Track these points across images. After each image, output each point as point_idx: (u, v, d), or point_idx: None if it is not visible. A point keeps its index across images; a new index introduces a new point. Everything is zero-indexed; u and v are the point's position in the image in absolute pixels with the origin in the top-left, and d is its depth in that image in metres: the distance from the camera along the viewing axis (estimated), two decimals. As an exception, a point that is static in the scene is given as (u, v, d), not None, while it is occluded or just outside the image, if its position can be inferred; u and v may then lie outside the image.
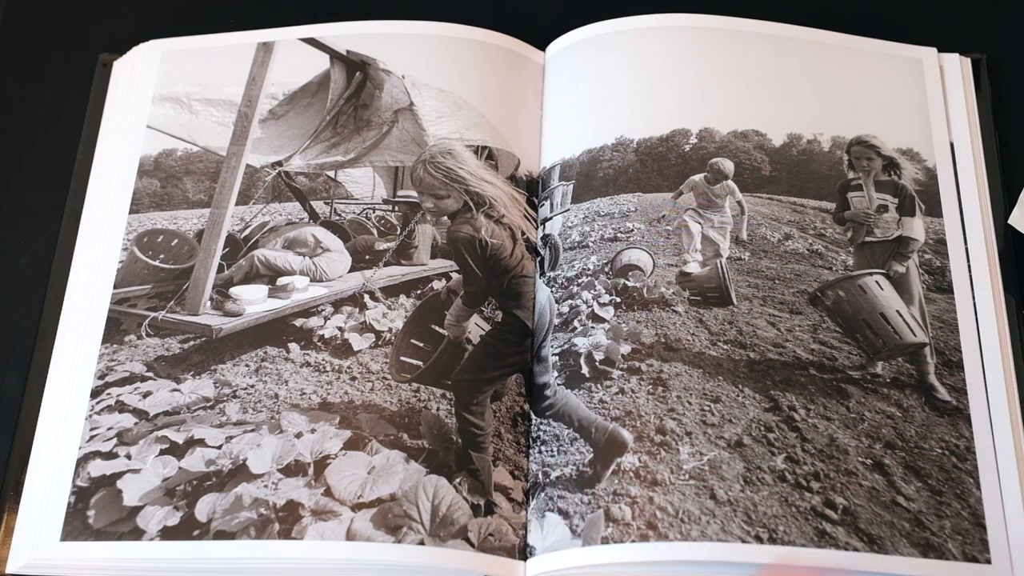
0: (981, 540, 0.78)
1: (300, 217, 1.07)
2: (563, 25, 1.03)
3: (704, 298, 0.94)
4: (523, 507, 0.82)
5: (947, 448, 0.83)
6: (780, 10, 1.04)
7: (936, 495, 0.80)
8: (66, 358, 0.88)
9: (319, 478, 0.81)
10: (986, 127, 0.98)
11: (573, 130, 0.98)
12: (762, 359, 0.88)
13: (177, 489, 0.81)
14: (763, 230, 1.00)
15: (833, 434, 0.83)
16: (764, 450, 0.82)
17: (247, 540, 0.78)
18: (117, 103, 1.01)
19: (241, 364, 0.91)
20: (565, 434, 0.84)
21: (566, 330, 0.89)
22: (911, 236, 0.94)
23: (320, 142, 1.05)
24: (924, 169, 0.96)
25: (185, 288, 0.97)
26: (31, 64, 1.06)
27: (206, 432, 0.84)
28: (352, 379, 0.91)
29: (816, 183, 0.97)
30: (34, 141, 1.02)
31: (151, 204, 0.98)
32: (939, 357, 0.88)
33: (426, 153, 0.94)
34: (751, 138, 0.98)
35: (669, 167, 0.97)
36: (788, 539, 0.77)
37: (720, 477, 0.80)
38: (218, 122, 1.02)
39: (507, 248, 0.91)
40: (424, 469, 0.82)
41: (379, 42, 1.03)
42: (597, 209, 0.98)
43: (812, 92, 1.00)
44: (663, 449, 0.82)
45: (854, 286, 0.93)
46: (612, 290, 0.92)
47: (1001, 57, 1.02)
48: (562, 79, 1.01)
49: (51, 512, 0.80)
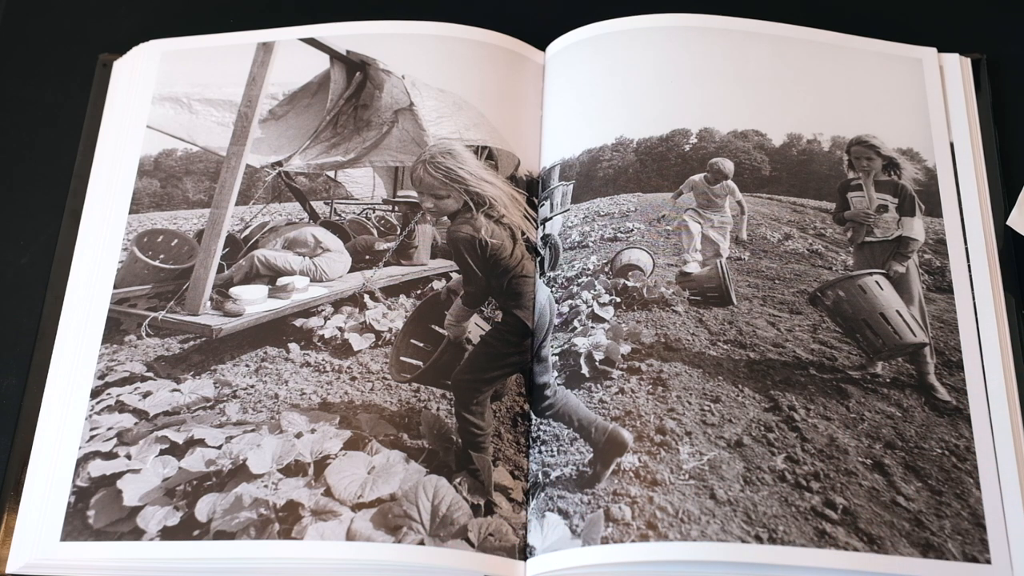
0: (981, 540, 0.78)
1: (300, 217, 1.07)
2: (563, 25, 1.03)
3: (704, 298, 0.94)
4: (523, 507, 0.82)
5: (947, 448, 0.83)
6: (780, 10, 1.04)
7: (936, 495, 0.80)
8: (66, 358, 0.88)
9: (319, 478, 0.81)
10: (986, 127, 0.98)
11: (573, 130, 0.98)
12: (762, 359, 0.88)
13: (177, 489, 0.81)
14: (763, 230, 1.00)
15: (833, 434, 0.83)
16: (764, 450, 0.82)
17: (247, 540, 0.78)
18: (117, 103, 1.01)
19: (241, 364, 0.91)
20: (565, 434, 0.84)
21: (566, 330, 0.89)
22: (911, 236, 0.94)
23: (320, 142, 1.05)
24: (924, 169, 0.96)
25: (185, 288, 0.97)
26: (31, 64, 1.06)
27: (206, 432, 0.84)
28: (352, 379, 0.91)
29: (816, 183, 0.97)
30: (34, 141, 1.02)
31: (151, 204, 0.98)
32: (939, 357, 0.87)
33: (426, 153, 0.94)
34: (751, 138, 0.98)
35: (669, 167, 0.97)
36: (788, 539, 0.77)
37: (720, 477, 0.80)
38: (218, 122, 1.02)
39: (507, 248, 0.91)
40: (424, 469, 0.82)
41: (379, 42, 1.03)
42: (597, 209, 0.98)
43: (812, 92, 1.00)
44: (663, 449, 0.82)
45: (854, 286, 0.93)
46: (612, 290, 0.92)
47: (1001, 57, 1.02)
48: (562, 79, 1.01)
49: (51, 512, 0.80)
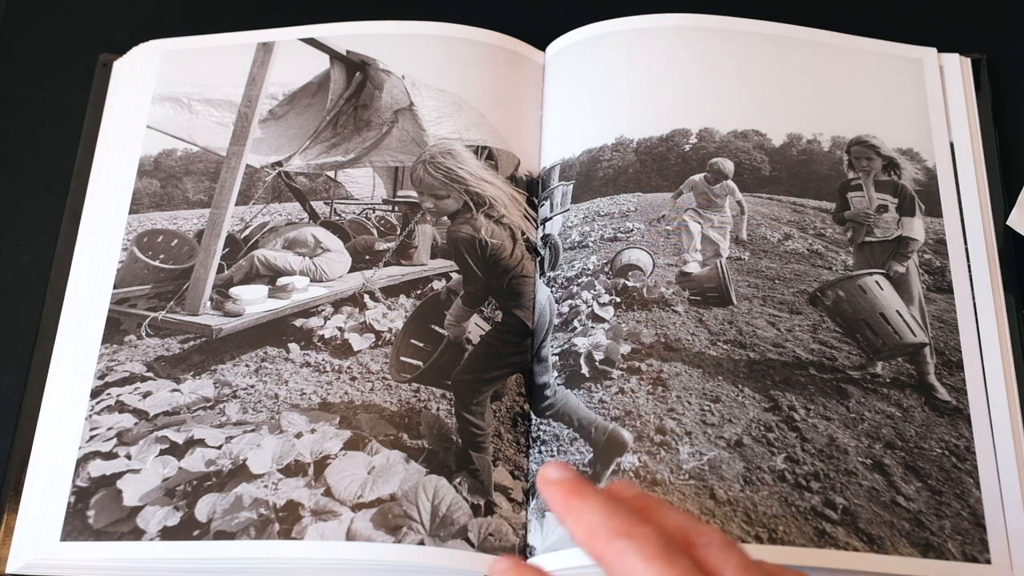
0: (981, 540, 0.78)
1: (300, 217, 1.07)
2: (563, 25, 1.03)
3: (704, 298, 0.94)
4: (523, 507, 0.82)
5: (947, 448, 0.83)
6: (780, 10, 1.04)
7: (936, 495, 0.80)
8: (66, 358, 0.88)
9: (319, 478, 0.81)
10: (986, 127, 0.98)
11: (573, 130, 0.98)
12: (762, 359, 0.88)
13: (177, 489, 0.81)
14: (763, 230, 1.00)
15: (833, 434, 0.83)
16: (764, 450, 0.82)
17: (247, 540, 0.78)
18: (117, 103, 1.01)
19: (241, 364, 0.91)
20: (565, 434, 0.84)
21: (566, 330, 0.89)
22: (911, 236, 0.94)
23: (320, 142, 1.05)
24: (924, 169, 0.96)
25: (185, 288, 0.97)
26: (31, 64, 1.06)
27: (206, 432, 0.84)
28: (352, 379, 0.91)
29: (816, 183, 0.97)
30: (34, 141, 1.01)
31: (151, 204, 0.97)
32: (939, 357, 0.87)
33: (426, 153, 0.94)
34: (751, 138, 0.98)
35: (669, 167, 0.97)
36: (788, 539, 0.77)
37: (720, 477, 0.80)
38: (218, 122, 1.02)
39: (507, 248, 0.91)
40: (424, 469, 0.82)
41: (379, 42, 1.03)
42: (597, 209, 0.98)
43: (812, 92, 1.00)
44: (663, 449, 0.82)
45: (854, 286, 0.93)
46: (612, 290, 0.92)
47: (1001, 57, 1.02)
48: (562, 79, 1.01)
49: (51, 512, 0.80)
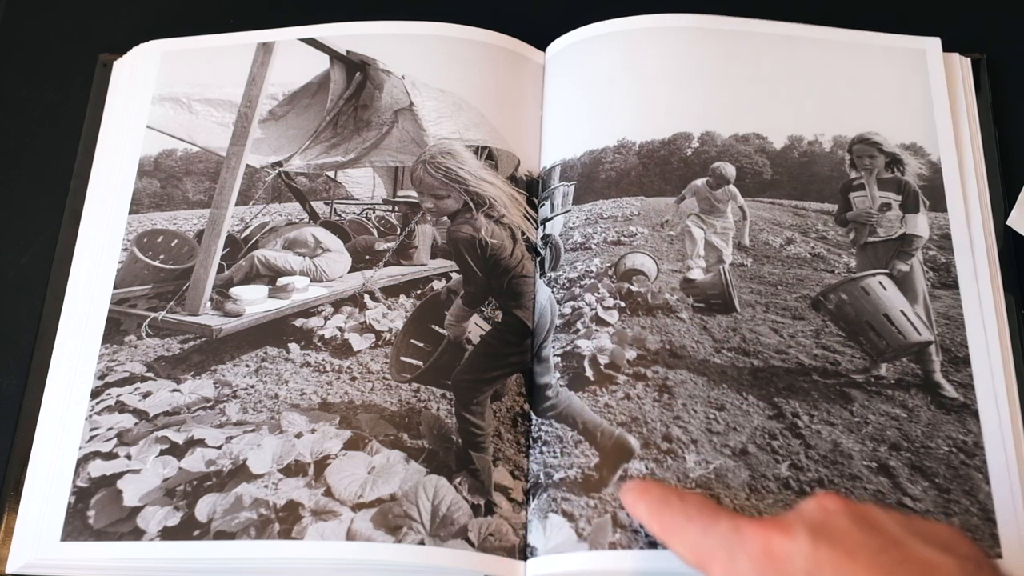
0: (992, 535, 0.78)
1: (300, 217, 1.07)
2: (563, 25, 1.03)
3: (708, 305, 0.93)
4: (523, 507, 0.81)
5: (954, 445, 0.82)
6: (779, 9, 1.04)
7: (944, 493, 0.80)
8: (66, 358, 0.88)
9: (319, 478, 0.80)
10: (986, 127, 0.98)
11: (573, 131, 0.98)
12: (765, 366, 0.88)
13: (177, 489, 0.81)
14: (765, 235, 1.00)
15: (837, 439, 0.83)
16: (768, 458, 0.82)
17: (247, 540, 0.77)
18: (117, 103, 1.01)
19: (241, 364, 0.91)
20: (569, 436, 0.83)
21: (568, 331, 0.89)
22: (915, 233, 0.94)
23: (320, 142, 1.05)
24: (928, 163, 0.96)
25: (185, 288, 0.97)
26: (31, 64, 1.06)
27: (206, 432, 0.84)
28: (352, 379, 0.90)
29: (818, 185, 0.97)
30: (34, 141, 1.01)
31: (151, 204, 0.97)
32: (945, 354, 0.87)
33: (426, 153, 0.94)
34: (752, 141, 0.98)
35: (671, 171, 0.97)
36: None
37: (726, 485, 0.80)
38: (218, 122, 1.02)
39: (507, 248, 0.91)
40: (424, 469, 0.82)
41: (379, 42, 1.03)
42: (600, 211, 0.98)
43: (813, 90, 0.99)
44: (670, 457, 0.81)
45: (857, 288, 0.93)
46: (616, 294, 0.91)
47: (1001, 57, 1.02)
48: (562, 79, 1.01)
49: (51, 512, 0.80)
